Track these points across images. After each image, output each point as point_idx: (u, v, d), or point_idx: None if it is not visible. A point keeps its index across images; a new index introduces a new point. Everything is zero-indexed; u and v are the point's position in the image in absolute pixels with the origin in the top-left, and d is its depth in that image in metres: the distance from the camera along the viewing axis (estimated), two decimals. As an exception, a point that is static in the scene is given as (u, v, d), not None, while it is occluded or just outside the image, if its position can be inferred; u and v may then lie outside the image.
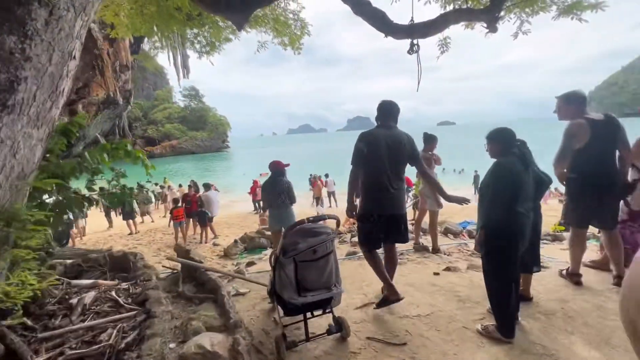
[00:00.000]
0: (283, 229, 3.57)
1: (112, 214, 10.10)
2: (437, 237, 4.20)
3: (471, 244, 4.43)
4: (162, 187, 14.79)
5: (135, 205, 9.90)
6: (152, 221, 11.30)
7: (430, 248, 4.09)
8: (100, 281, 2.36)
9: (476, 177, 16.20)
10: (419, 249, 4.13)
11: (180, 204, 7.63)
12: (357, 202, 2.61)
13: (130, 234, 9.04)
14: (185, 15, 4.94)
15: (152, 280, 2.48)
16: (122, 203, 2.41)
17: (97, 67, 37.72)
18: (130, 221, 9.09)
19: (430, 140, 4.03)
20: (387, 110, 2.53)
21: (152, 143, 60.01)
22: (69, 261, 2.69)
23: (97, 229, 9.91)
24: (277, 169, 3.69)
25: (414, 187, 10.83)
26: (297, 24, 6.83)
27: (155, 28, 5.76)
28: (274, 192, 3.63)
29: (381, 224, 2.43)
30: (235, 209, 13.91)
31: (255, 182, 11.95)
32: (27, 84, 1.81)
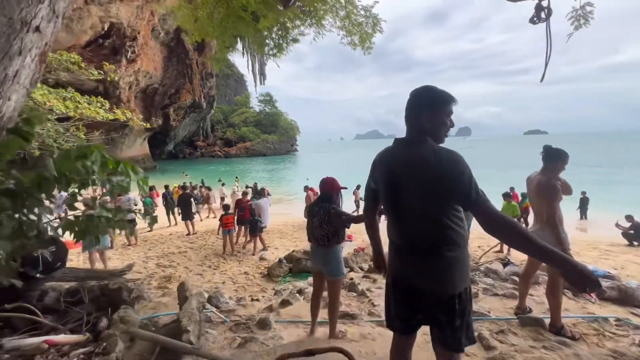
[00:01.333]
0: (324, 272, 2.59)
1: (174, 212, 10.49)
2: (560, 303, 2.67)
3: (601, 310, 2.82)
4: (205, 186, 15.46)
5: (193, 205, 10.05)
6: (201, 220, 11.52)
7: (548, 322, 2.64)
8: (54, 339, 1.71)
9: (584, 201, 12.94)
10: (527, 321, 2.70)
11: (230, 211, 7.25)
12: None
13: (188, 234, 9.10)
14: (251, 15, 4.78)
15: (117, 345, 1.73)
16: (84, 236, 1.72)
17: (187, 75, 42.18)
18: (189, 222, 9.17)
19: (556, 157, 2.62)
20: (414, 107, 1.38)
21: (230, 144, 65.17)
22: (50, 293, 2.17)
23: (162, 225, 10.31)
24: (326, 190, 2.65)
25: (517, 202, 8.54)
26: (368, 21, 6.17)
27: (221, 31, 5.89)
28: (311, 222, 2.67)
29: (404, 300, 1.40)
30: (292, 216, 13.43)
31: (310, 190, 11.20)
32: None
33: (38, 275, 2.03)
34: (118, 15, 30.07)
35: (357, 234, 8.46)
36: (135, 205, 8.07)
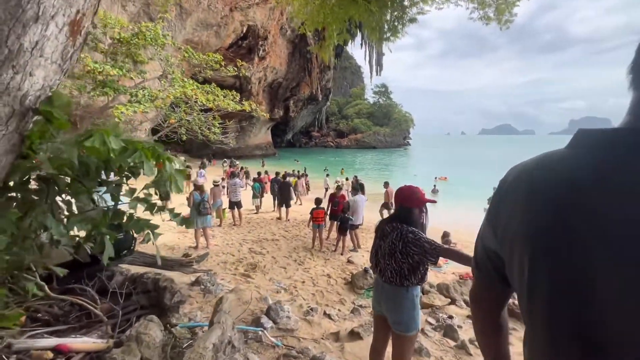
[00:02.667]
0: (390, 322, 1.80)
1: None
2: None
3: None
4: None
5: (292, 193, 10.36)
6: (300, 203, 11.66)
7: None
8: (70, 344, 1.54)
9: None
10: None
11: (322, 205, 6.92)
12: None
13: (279, 218, 9.53)
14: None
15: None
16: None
17: (307, 69, 44.90)
18: (283, 208, 9.52)
19: None
20: None
21: (341, 135, 67.03)
22: (117, 277, 2.15)
23: (267, 209, 11.02)
24: (404, 204, 1.82)
25: None
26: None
27: (333, 18, 5.86)
28: (379, 245, 1.90)
29: None
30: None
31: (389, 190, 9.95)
32: None
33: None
34: (254, 18, 34.10)
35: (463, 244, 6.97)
36: (242, 187, 8.72)
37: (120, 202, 1.83)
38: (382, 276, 1.80)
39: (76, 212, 1.52)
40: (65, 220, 1.57)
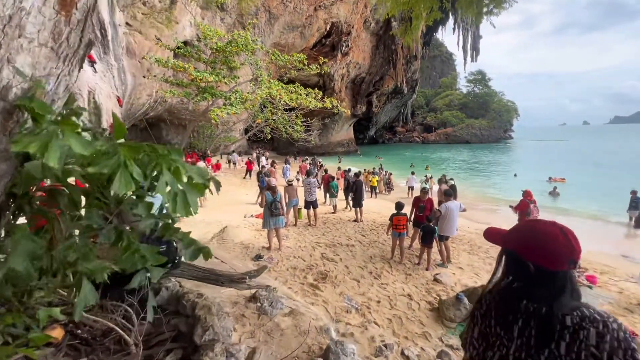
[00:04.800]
0: None
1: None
2: None
3: None
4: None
5: (364, 192, 9.65)
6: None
7: None
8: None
9: None
10: None
11: (402, 210, 5.97)
12: None
13: (355, 220, 8.89)
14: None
15: None
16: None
17: (392, 61, 42.82)
18: (358, 209, 8.86)
19: None
20: None
21: (429, 130, 62.35)
22: (163, 292, 1.89)
23: (343, 206, 10.57)
24: (535, 262, 0.87)
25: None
26: None
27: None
28: (485, 335, 0.99)
29: None
30: (496, 224, 10.51)
31: (527, 194, 7.95)
32: None
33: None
34: (338, 15, 33.97)
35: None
36: (318, 187, 8.43)
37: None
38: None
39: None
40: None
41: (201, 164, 14.09)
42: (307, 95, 19.05)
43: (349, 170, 14.52)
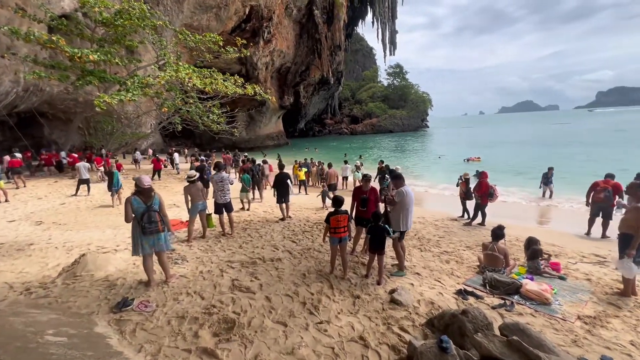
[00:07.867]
0: None
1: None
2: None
3: None
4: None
5: (291, 186, 8.01)
6: (306, 193, 9.39)
7: None
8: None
9: None
10: None
11: (344, 208, 4.43)
12: None
13: (282, 219, 7.36)
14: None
15: None
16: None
17: (317, 50, 41.80)
18: (283, 205, 7.28)
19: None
20: None
21: (356, 121, 63.78)
22: None
23: (272, 202, 8.77)
24: None
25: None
26: None
27: None
28: None
29: None
30: (427, 211, 9.93)
31: (484, 175, 7.50)
32: None
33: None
34: (256, -2, 31.30)
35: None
36: (232, 184, 6.45)
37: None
38: None
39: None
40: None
41: (82, 164, 10.68)
42: (224, 80, 16.39)
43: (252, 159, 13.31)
